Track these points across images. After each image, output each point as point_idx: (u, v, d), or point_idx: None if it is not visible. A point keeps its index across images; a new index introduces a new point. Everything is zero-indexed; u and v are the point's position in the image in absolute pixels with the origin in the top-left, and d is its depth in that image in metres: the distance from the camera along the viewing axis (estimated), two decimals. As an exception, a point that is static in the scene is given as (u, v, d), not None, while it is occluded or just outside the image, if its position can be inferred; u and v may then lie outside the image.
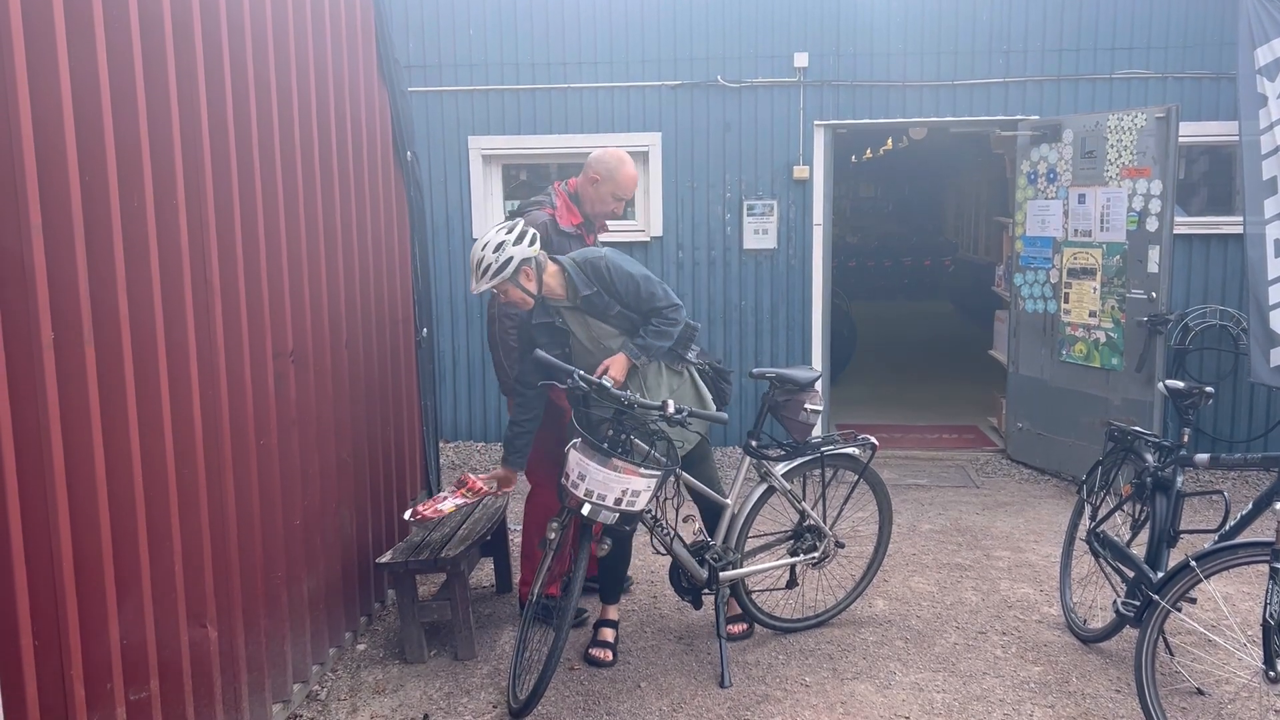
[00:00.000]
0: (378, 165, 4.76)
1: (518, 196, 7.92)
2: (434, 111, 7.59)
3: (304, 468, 3.83)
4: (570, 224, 4.47)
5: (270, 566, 3.56)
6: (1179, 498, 3.97)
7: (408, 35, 7.47)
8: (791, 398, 4.29)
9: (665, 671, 4.13)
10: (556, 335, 4.08)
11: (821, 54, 7.33)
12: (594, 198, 4.47)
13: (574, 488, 3.66)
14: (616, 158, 4.44)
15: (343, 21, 4.31)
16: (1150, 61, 7.10)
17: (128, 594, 2.71)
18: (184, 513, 2.98)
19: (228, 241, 3.25)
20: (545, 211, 4.46)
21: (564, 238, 4.40)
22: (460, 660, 4.23)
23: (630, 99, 7.50)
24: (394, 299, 5.00)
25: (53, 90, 2.41)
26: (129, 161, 2.71)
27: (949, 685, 3.99)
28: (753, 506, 4.26)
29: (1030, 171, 7.02)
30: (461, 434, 7.96)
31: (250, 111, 3.40)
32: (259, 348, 3.47)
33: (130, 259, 2.72)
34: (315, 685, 3.98)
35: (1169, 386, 4.12)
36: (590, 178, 4.45)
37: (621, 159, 4.45)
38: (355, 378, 4.38)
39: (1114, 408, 6.44)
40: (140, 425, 2.76)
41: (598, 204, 4.48)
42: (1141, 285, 6.29)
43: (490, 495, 4.32)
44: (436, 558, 4.17)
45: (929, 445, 7.86)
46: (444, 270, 7.72)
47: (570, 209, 4.50)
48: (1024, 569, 5.23)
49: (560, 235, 4.39)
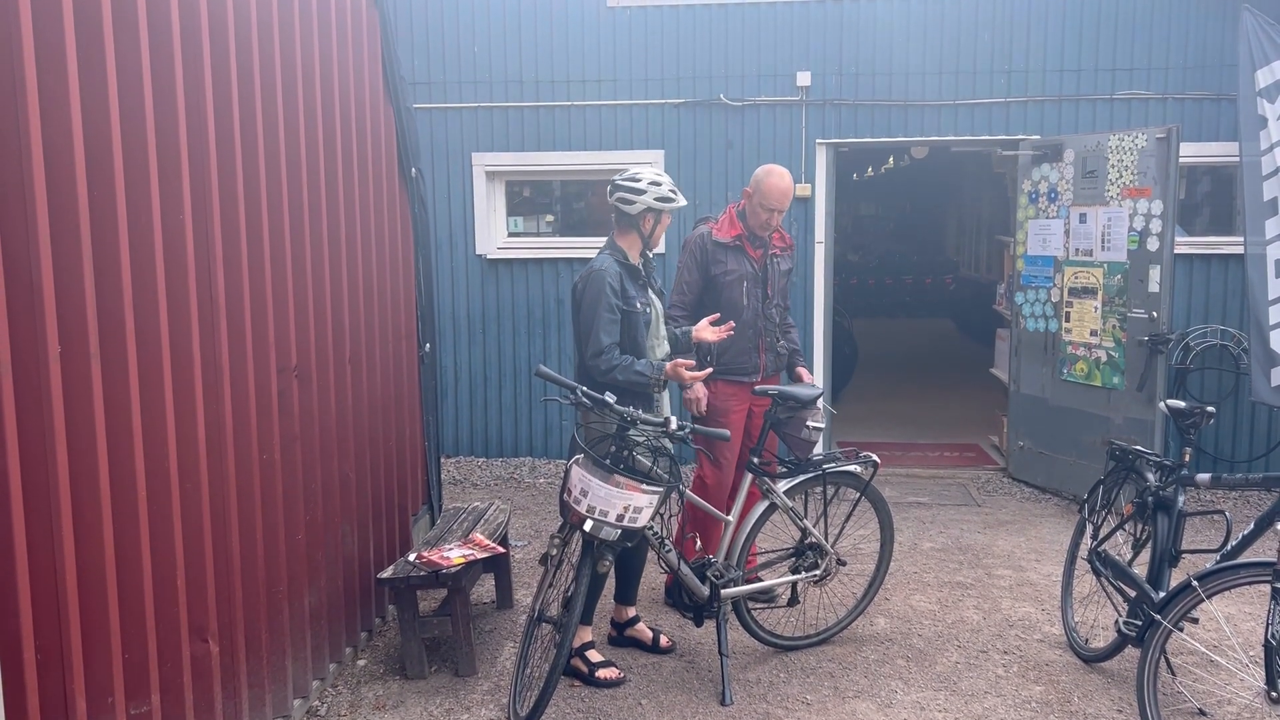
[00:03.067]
0: (382, 181, 4.79)
1: (520, 213, 7.95)
2: (438, 128, 7.62)
3: (306, 482, 3.83)
4: (728, 236, 4.67)
5: (272, 581, 3.56)
6: (1180, 517, 3.97)
7: (413, 52, 7.52)
8: (794, 415, 4.31)
9: (666, 689, 4.12)
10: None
11: (824, 73, 7.37)
12: (750, 210, 4.67)
13: (576, 504, 3.66)
14: (766, 170, 4.61)
15: (349, 38, 4.34)
16: (1151, 82, 7.14)
17: (130, 608, 2.71)
18: (187, 527, 2.99)
19: (233, 256, 3.27)
20: (708, 225, 4.75)
21: (719, 248, 4.68)
22: (461, 676, 4.22)
23: (634, 117, 7.54)
24: (397, 314, 5.01)
25: (62, 105, 2.43)
26: (137, 176, 2.73)
27: (950, 704, 3.98)
28: (754, 524, 4.25)
29: (1031, 191, 7.05)
30: (463, 449, 7.96)
31: (257, 127, 3.43)
32: (263, 362, 3.48)
33: (136, 274, 2.73)
34: (316, 701, 3.97)
35: (1170, 406, 4.13)
36: (746, 191, 4.67)
37: (770, 171, 4.60)
38: (358, 393, 4.39)
39: (1115, 427, 6.44)
40: (144, 439, 2.77)
41: (752, 217, 4.66)
42: (1142, 305, 6.30)
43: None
44: (438, 573, 4.17)
45: (930, 463, 7.85)
46: (447, 286, 7.74)
47: (734, 223, 4.70)
48: (1025, 588, 5.22)
49: (715, 246, 4.67)
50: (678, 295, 4.72)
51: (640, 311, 4.16)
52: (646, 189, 4.12)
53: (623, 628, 4.50)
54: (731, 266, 4.63)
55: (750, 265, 4.66)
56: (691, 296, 4.70)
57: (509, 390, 7.86)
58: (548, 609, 3.82)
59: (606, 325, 4.06)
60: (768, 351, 4.77)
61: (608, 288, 4.05)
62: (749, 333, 4.68)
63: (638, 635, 4.49)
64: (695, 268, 4.67)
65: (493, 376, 7.87)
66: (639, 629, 4.49)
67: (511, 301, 7.75)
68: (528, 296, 7.69)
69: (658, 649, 4.45)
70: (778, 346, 4.82)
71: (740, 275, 4.63)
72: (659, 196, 4.13)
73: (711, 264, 4.64)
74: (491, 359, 7.85)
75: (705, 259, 4.64)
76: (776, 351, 4.82)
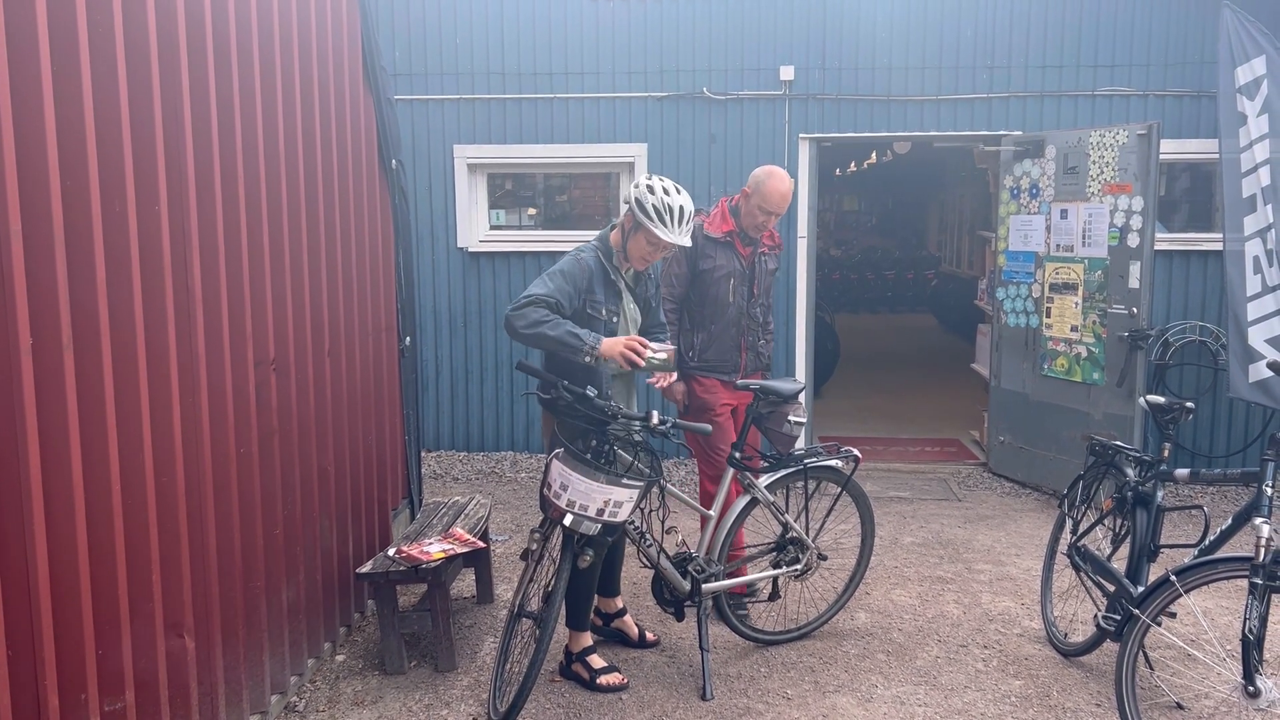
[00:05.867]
0: (362, 173, 4.75)
1: (502, 205, 7.92)
2: (420, 120, 7.58)
3: (284, 477, 3.80)
4: (720, 231, 4.60)
5: (249, 576, 3.53)
6: (1159, 512, 3.99)
7: (394, 43, 7.46)
8: (775, 409, 4.30)
9: (647, 684, 4.11)
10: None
11: (807, 68, 7.36)
12: (745, 210, 4.57)
13: (556, 498, 3.65)
14: (766, 172, 4.51)
15: (329, 28, 4.29)
16: (1132, 79, 7.17)
17: (104, 603, 2.68)
18: (162, 521, 2.95)
19: (210, 248, 3.23)
20: (700, 218, 4.63)
21: (709, 243, 4.59)
22: (440, 672, 4.20)
23: (616, 110, 7.51)
24: (377, 307, 4.98)
25: (35, 95, 2.39)
26: (111, 166, 2.69)
27: (930, 699, 3.99)
28: (735, 518, 4.25)
29: (1013, 186, 7.07)
30: (444, 443, 7.92)
31: (235, 117, 3.39)
32: (240, 355, 3.44)
33: (111, 265, 2.69)
34: (293, 697, 3.94)
35: (1149, 401, 4.14)
36: (745, 190, 4.57)
37: (770, 174, 4.49)
38: (337, 386, 4.35)
39: (1095, 422, 6.47)
40: (119, 432, 2.73)
41: (747, 217, 4.57)
42: (1122, 300, 6.33)
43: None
44: (417, 568, 4.14)
45: (911, 458, 7.88)
46: (428, 279, 7.70)
47: (725, 218, 4.62)
48: (1005, 582, 5.24)
49: (705, 240, 4.58)
50: (666, 288, 4.66)
51: (602, 319, 3.98)
52: (638, 185, 3.92)
53: (609, 619, 4.49)
54: (720, 262, 4.58)
55: (739, 263, 4.62)
56: (680, 289, 4.65)
57: (490, 384, 7.84)
58: (528, 604, 3.80)
59: (550, 280, 3.85)
60: (749, 350, 4.74)
61: (576, 263, 3.95)
62: (732, 331, 4.65)
63: (623, 628, 4.47)
64: (684, 260, 4.61)
65: (474, 370, 7.84)
66: (625, 621, 4.48)
67: (494, 295, 7.72)
68: (510, 290, 7.65)
69: (643, 644, 4.44)
70: (759, 346, 4.80)
71: (728, 272, 4.59)
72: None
73: (700, 258, 4.58)
74: (473, 353, 7.82)
75: (694, 252, 4.57)
76: (758, 351, 4.80)
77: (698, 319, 4.64)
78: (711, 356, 4.63)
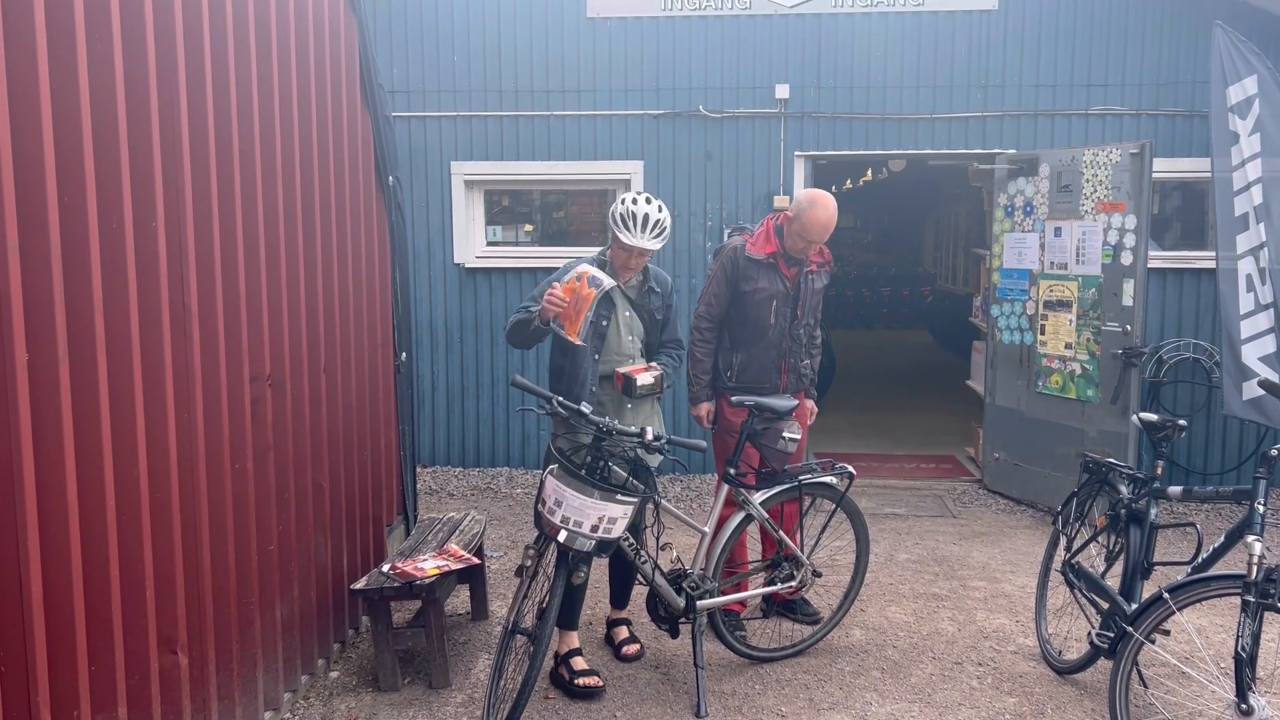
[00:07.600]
0: (359, 189, 4.76)
1: (499, 222, 7.94)
2: (417, 136, 7.61)
3: (279, 492, 3.80)
4: (762, 252, 4.51)
5: (244, 592, 3.52)
6: (1153, 529, 4.00)
7: (392, 60, 7.50)
8: (770, 426, 4.31)
9: (641, 701, 4.10)
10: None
11: (803, 86, 7.41)
12: (788, 234, 4.49)
13: (550, 514, 3.65)
14: (809, 199, 4.41)
15: (326, 45, 4.32)
16: (1125, 98, 7.22)
17: (97, 619, 2.68)
18: (157, 536, 2.95)
19: (206, 263, 3.24)
20: (742, 236, 4.60)
21: (751, 264, 4.50)
22: (434, 689, 4.18)
23: (613, 127, 7.55)
24: (373, 323, 4.98)
25: (32, 110, 2.40)
26: (108, 182, 2.70)
27: (925, 716, 3.99)
28: (730, 534, 4.25)
29: (1008, 204, 7.10)
30: (440, 459, 7.92)
31: (232, 134, 3.40)
32: (236, 371, 3.45)
33: (108, 280, 2.70)
34: (287, 713, 3.93)
35: (1143, 419, 4.16)
36: (788, 215, 4.49)
37: (814, 201, 4.39)
38: (333, 402, 4.36)
39: (1089, 439, 6.49)
40: (114, 447, 2.74)
41: (790, 240, 4.49)
42: (1116, 318, 6.35)
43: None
44: (412, 584, 4.14)
45: (906, 475, 7.88)
46: (424, 294, 7.72)
47: (769, 238, 4.53)
48: (1000, 599, 5.24)
49: (748, 261, 4.50)
50: (704, 306, 4.60)
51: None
52: (623, 200, 4.10)
53: (612, 625, 4.61)
54: (762, 285, 4.49)
55: (782, 284, 4.52)
56: (719, 309, 4.57)
57: (486, 400, 7.84)
58: (522, 620, 3.80)
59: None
60: (790, 372, 4.66)
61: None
62: (773, 353, 4.57)
63: (612, 635, 4.54)
64: (724, 281, 4.52)
65: (470, 386, 7.84)
66: (617, 630, 4.54)
67: (490, 311, 7.73)
68: (506, 306, 7.67)
69: (619, 656, 4.46)
70: (800, 367, 4.71)
71: (770, 294, 4.50)
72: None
73: (742, 280, 4.49)
74: (469, 368, 7.83)
75: (736, 274, 4.49)
76: (799, 372, 4.70)
77: (738, 339, 4.58)
78: (749, 378, 4.57)
